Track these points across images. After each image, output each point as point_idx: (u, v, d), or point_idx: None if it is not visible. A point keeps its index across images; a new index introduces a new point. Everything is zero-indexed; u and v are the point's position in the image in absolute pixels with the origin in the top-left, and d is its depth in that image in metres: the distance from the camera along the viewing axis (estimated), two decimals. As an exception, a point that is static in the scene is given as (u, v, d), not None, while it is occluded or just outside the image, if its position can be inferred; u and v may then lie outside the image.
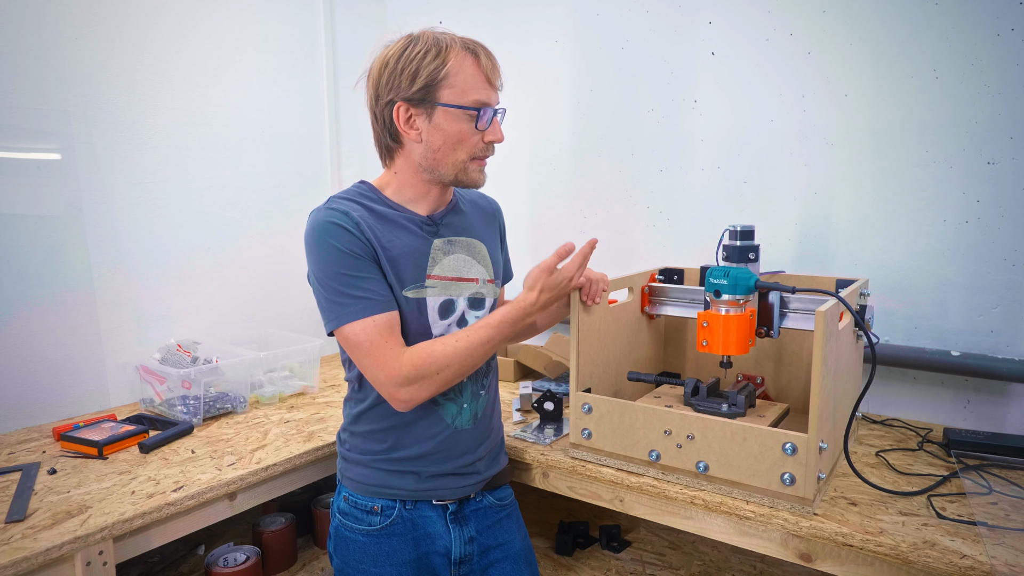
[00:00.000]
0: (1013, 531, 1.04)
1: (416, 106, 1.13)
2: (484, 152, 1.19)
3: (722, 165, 1.83)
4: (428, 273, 1.19)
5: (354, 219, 1.13)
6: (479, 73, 1.14)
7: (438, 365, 1.11)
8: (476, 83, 1.13)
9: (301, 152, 2.29)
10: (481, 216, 1.33)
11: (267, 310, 2.21)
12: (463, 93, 1.12)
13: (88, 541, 1.13)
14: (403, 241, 1.17)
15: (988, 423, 1.53)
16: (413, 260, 1.17)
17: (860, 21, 1.58)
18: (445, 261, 1.21)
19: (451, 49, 1.12)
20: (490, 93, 1.16)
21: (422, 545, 1.24)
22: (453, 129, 1.14)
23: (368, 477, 1.24)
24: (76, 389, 1.76)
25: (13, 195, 1.63)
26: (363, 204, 1.18)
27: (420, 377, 1.11)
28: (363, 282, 1.11)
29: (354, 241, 1.11)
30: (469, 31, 1.19)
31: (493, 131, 1.17)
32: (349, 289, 1.11)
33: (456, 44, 1.13)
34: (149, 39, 1.85)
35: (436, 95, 1.12)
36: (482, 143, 1.17)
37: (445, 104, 1.12)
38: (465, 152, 1.16)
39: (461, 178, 1.18)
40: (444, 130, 1.14)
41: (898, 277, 1.60)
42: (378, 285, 1.13)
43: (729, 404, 1.29)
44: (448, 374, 1.13)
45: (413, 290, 1.17)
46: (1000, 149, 1.46)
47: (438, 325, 1.20)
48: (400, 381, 1.11)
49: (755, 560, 1.69)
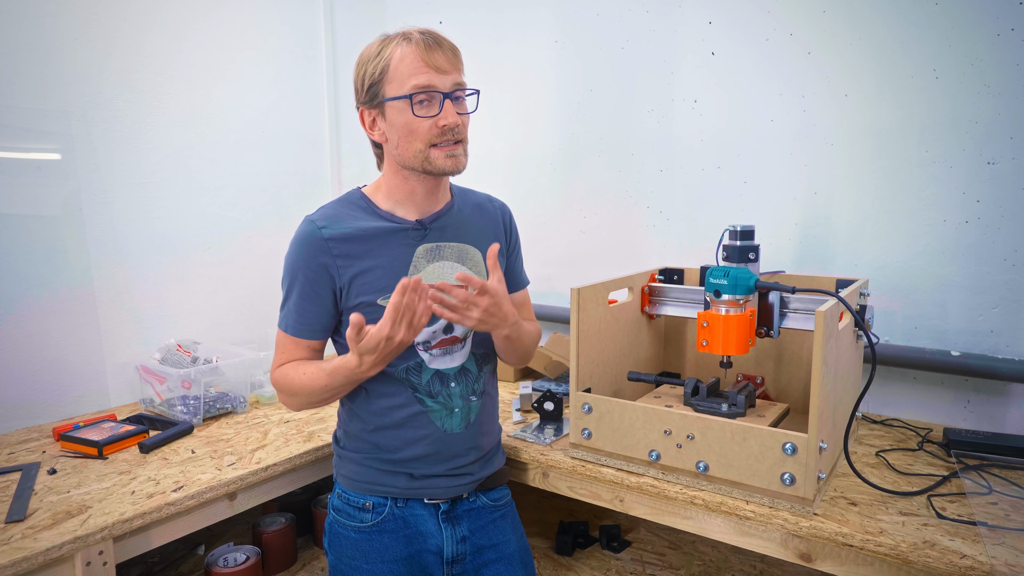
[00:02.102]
0: (1013, 531, 1.04)
1: (371, 107, 1.17)
2: (440, 137, 1.13)
3: (722, 165, 1.83)
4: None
5: (324, 237, 1.16)
6: (415, 59, 1.11)
7: (291, 389, 1.20)
8: (413, 69, 1.11)
9: (301, 152, 2.29)
10: (483, 220, 1.31)
11: (267, 310, 2.20)
12: (401, 83, 1.12)
13: (88, 541, 1.13)
14: (382, 251, 1.18)
15: (988, 423, 1.53)
16: (391, 270, 1.18)
17: (860, 21, 1.58)
18: (429, 268, 1.21)
19: (389, 42, 1.13)
20: (431, 75, 1.11)
21: (414, 543, 1.24)
22: (401, 121, 1.14)
23: (360, 474, 1.24)
24: (76, 389, 1.76)
25: (13, 195, 1.63)
26: (350, 214, 1.20)
27: (281, 389, 1.23)
28: (299, 308, 1.20)
29: (317, 262, 1.17)
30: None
31: (445, 114, 1.13)
32: (292, 304, 1.20)
33: (397, 37, 1.13)
34: (149, 39, 1.85)
35: (382, 92, 1.14)
36: (436, 128, 1.13)
37: (389, 99, 1.13)
38: (421, 141, 1.14)
39: (428, 168, 1.16)
40: (395, 124, 1.14)
41: (898, 277, 1.60)
42: (310, 316, 1.20)
43: (729, 404, 1.29)
44: (300, 399, 1.21)
45: (388, 299, 1.17)
46: (1000, 149, 1.46)
47: (421, 332, 1.20)
48: (273, 384, 1.24)
49: (755, 560, 1.69)
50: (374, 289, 1.17)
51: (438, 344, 1.22)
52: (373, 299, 1.17)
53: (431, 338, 1.22)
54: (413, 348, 1.21)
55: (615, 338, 1.43)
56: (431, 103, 1.13)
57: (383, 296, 1.18)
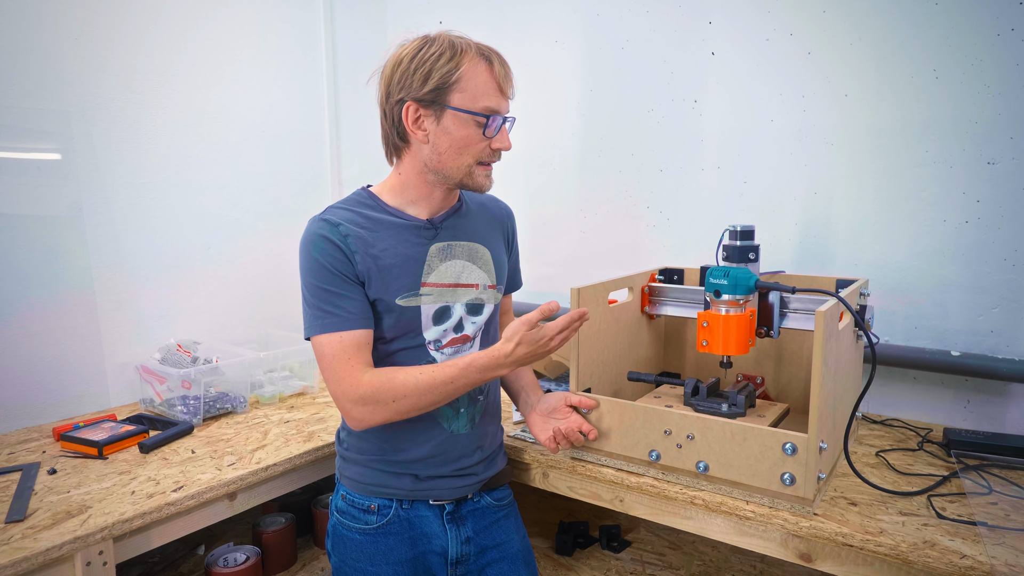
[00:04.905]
0: (1013, 531, 1.04)
1: (426, 107, 1.13)
2: (490, 158, 1.18)
3: (722, 165, 1.83)
4: (423, 281, 1.19)
5: (342, 233, 1.14)
6: (491, 80, 1.13)
7: (395, 393, 1.11)
8: (488, 90, 1.13)
9: (301, 152, 2.29)
10: (488, 220, 1.32)
11: (267, 310, 2.20)
12: (474, 99, 1.12)
13: (88, 541, 1.13)
14: (397, 250, 1.17)
15: (988, 423, 1.53)
16: (407, 268, 1.18)
17: (860, 21, 1.58)
18: (442, 267, 1.21)
19: (466, 53, 1.12)
20: (501, 101, 1.15)
21: (418, 544, 1.24)
22: (460, 133, 1.14)
23: (365, 476, 1.24)
24: (76, 389, 1.75)
25: (13, 195, 1.63)
26: (359, 213, 1.19)
27: (375, 400, 1.11)
28: (338, 299, 1.14)
29: (336, 256, 1.13)
30: (469, 31, 1.18)
31: (501, 139, 1.17)
32: (324, 303, 1.14)
33: (471, 49, 1.13)
34: (149, 39, 1.85)
35: (446, 98, 1.12)
36: (489, 150, 1.17)
37: (455, 108, 1.12)
38: (471, 157, 1.16)
39: (466, 182, 1.18)
40: (451, 134, 1.14)
41: (898, 277, 1.60)
42: (352, 303, 1.14)
43: (729, 404, 1.29)
44: (404, 404, 1.12)
45: (407, 298, 1.18)
46: (1000, 149, 1.46)
47: (431, 331, 1.20)
48: (355, 399, 1.12)
49: (755, 560, 1.69)
50: (391, 288, 1.16)
51: (449, 343, 1.22)
52: (391, 298, 1.16)
53: (442, 337, 1.21)
54: (424, 348, 1.21)
55: (615, 338, 1.43)
56: (491, 125, 1.15)
57: (402, 296, 1.17)
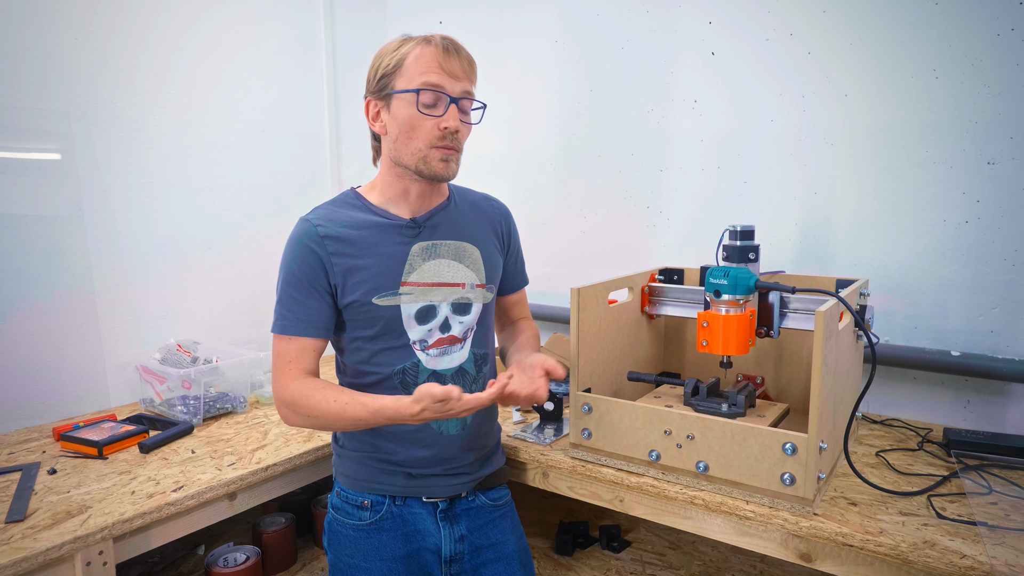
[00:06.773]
0: (1013, 531, 1.04)
1: (378, 99, 1.17)
2: (443, 141, 1.14)
3: (722, 165, 1.83)
4: (404, 280, 1.19)
5: (321, 234, 1.17)
6: (431, 59, 1.13)
7: (309, 409, 1.14)
8: (426, 68, 1.13)
9: (301, 152, 2.29)
10: (480, 219, 1.31)
11: (267, 310, 2.17)
12: (411, 79, 1.13)
13: (88, 541, 1.13)
14: (378, 249, 1.18)
15: (988, 423, 1.53)
16: (387, 267, 1.18)
17: (860, 21, 1.58)
18: (424, 267, 1.21)
19: (410, 42, 1.15)
20: (443, 77, 1.13)
21: (412, 541, 1.24)
22: (404, 115, 1.14)
23: (358, 472, 1.25)
24: (76, 389, 1.76)
25: (13, 195, 1.63)
26: (343, 213, 1.20)
27: (294, 408, 1.16)
28: (298, 305, 1.18)
29: (310, 264, 1.16)
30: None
31: (447, 118, 1.13)
32: (284, 308, 1.19)
33: (418, 38, 1.15)
34: (149, 39, 1.85)
35: (391, 84, 1.14)
36: (438, 131, 1.14)
37: (397, 91, 1.14)
38: (421, 141, 1.14)
39: (423, 169, 1.16)
40: (398, 118, 1.15)
41: (898, 277, 1.60)
42: (308, 312, 1.18)
43: (729, 404, 1.29)
44: (316, 421, 1.16)
45: (385, 298, 1.18)
46: (1000, 149, 1.46)
47: (416, 330, 1.20)
48: (280, 400, 1.18)
49: (755, 560, 1.69)
50: (368, 288, 1.17)
51: (435, 343, 1.22)
52: (368, 298, 1.17)
53: (428, 337, 1.21)
54: (409, 348, 1.20)
55: (615, 338, 1.43)
56: (438, 104, 1.13)
57: (379, 295, 1.17)
